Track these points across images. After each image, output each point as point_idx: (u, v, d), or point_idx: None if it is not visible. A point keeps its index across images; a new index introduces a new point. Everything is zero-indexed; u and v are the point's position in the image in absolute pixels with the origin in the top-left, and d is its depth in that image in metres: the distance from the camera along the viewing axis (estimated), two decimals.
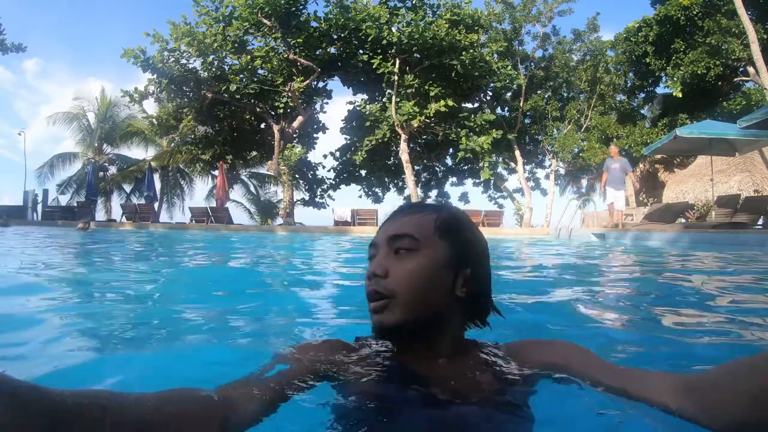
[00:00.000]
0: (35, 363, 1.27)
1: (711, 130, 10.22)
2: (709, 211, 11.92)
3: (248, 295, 2.68)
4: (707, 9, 15.15)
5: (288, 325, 1.86)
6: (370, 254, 0.85)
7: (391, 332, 0.78)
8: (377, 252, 0.82)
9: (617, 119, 18.31)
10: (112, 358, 1.37)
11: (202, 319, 1.94)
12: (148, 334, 1.69)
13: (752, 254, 5.44)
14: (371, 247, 0.85)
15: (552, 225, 15.67)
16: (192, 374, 1.13)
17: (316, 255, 6.35)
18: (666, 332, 1.80)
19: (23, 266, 3.98)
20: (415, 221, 0.81)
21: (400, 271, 0.78)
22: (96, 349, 1.46)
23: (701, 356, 1.43)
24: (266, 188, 26.64)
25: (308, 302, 2.49)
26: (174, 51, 15.34)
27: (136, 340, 1.60)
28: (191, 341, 1.60)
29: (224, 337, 1.67)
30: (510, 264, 5.00)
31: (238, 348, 1.50)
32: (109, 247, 6.73)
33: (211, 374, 0.83)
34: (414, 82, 15.54)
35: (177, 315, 1.99)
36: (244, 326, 1.85)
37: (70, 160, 25.02)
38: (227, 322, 1.91)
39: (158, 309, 2.27)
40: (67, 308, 2.15)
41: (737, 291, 2.99)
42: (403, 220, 0.83)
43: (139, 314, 2.05)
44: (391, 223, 0.84)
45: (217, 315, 2.05)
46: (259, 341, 1.61)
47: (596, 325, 1.92)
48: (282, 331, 1.74)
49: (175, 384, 0.58)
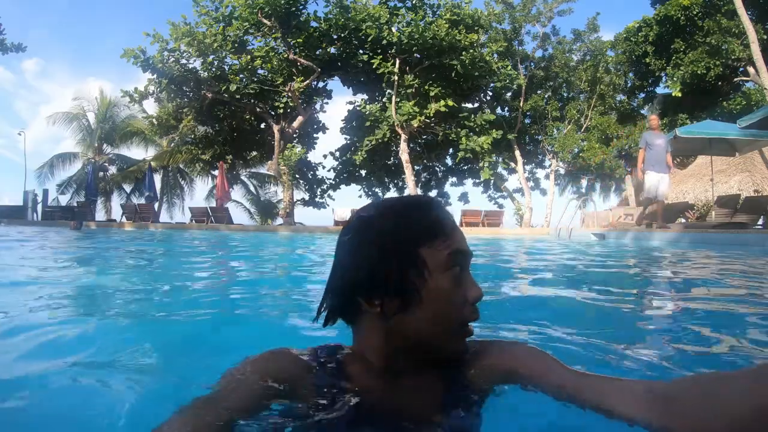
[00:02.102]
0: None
1: (711, 130, 10.22)
2: (709, 211, 11.93)
3: (245, 294, 2.67)
4: (707, 9, 15.16)
5: (285, 323, 1.86)
6: (464, 265, 0.72)
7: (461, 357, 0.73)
8: (468, 266, 0.73)
9: (617, 119, 18.32)
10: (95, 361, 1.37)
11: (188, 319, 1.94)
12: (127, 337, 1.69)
13: (752, 254, 5.44)
14: (466, 257, 0.72)
15: (552, 225, 15.67)
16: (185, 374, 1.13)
17: (316, 254, 6.35)
18: (664, 331, 1.80)
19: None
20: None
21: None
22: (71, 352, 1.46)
23: (698, 359, 1.42)
24: (266, 188, 26.65)
25: (304, 301, 2.49)
26: (174, 51, 15.34)
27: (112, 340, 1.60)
28: (178, 346, 1.60)
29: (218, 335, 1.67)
30: (510, 264, 5.00)
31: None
32: (93, 246, 6.73)
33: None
34: (414, 82, 15.54)
35: (159, 315, 1.98)
36: (240, 323, 1.85)
37: (70, 160, 25.03)
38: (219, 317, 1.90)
39: (137, 309, 2.27)
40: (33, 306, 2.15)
41: (736, 291, 2.98)
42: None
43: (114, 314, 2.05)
44: (461, 235, 0.73)
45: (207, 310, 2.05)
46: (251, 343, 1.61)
47: (596, 324, 1.92)
48: (276, 333, 1.74)
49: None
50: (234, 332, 1.73)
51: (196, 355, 1.41)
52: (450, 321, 0.69)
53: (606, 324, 1.95)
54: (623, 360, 1.36)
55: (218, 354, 1.21)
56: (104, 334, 1.63)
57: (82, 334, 1.61)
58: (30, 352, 1.38)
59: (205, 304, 2.43)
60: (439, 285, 0.68)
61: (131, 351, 1.39)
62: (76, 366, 1.23)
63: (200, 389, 0.67)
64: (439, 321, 0.69)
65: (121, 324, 1.83)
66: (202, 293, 2.87)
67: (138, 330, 1.74)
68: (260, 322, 1.96)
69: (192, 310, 2.15)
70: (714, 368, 1.25)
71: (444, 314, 0.69)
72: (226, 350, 1.46)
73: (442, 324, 0.69)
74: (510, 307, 2.26)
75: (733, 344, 1.60)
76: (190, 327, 1.80)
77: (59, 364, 1.23)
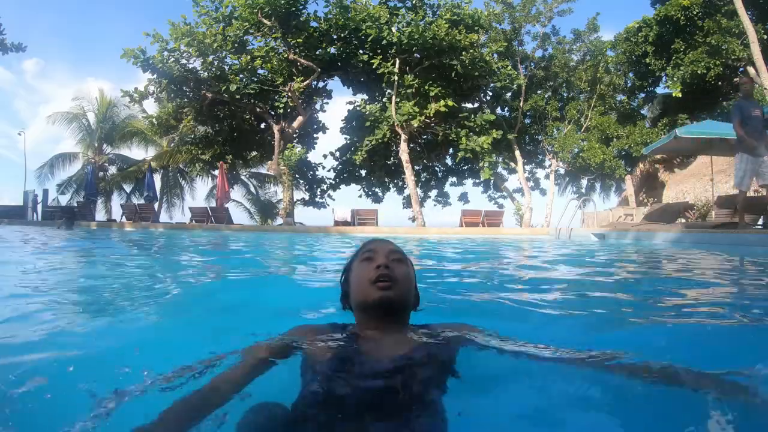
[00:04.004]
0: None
1: (711, 130, 10.21)
2: (709, 211, 11.94)
3: (242, 292, 2.67)
4: (707, 9, 15.16)
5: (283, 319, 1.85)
6: (369, 257, 1.25)
7: (391, 305, 1.17)
8: (377, 257, 1.23)
9: (617, 119, 18.33)
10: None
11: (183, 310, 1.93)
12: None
13: (753, 254, 5.44)
14: (371, 253, 1.26)
15: (552, 225, 15.66)
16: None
17: (313, 254, 6.36)
18: (661, 330, 1.80)
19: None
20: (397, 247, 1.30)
21: (397, 270, 1.22)
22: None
23: (698, 359, 1.42)
24: (266, 188, 26.66)
25: (302, 298, 2.49)
26: (174, 51, 15.34)
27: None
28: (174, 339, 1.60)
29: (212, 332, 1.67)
30: (510, 264, 5.01)
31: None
32: (72, 245, 6.74)
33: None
34: (414, 82, 15.54)
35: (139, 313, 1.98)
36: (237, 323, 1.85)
37: (70, 160, 25.04)
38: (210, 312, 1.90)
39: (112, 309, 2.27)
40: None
41: (736, 291, 2.98)
42: (391, 245, 1.30)
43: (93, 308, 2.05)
44: (385, 244, 1.30)
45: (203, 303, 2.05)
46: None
47: (595, 324, 1.92)
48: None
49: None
50: (233, 333, 1.72)
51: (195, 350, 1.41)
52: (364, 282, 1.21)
53: (606, 323, 1.95)
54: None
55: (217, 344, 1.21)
56: (83, 333, 1.63)
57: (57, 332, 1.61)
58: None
59: (205, 299, 2.43)
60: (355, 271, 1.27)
61: (122, 347, 1.39)
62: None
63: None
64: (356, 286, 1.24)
65: (97, 322, 1.83)
66: (200, 291, 2.87)
67: (123, 326, 1.74)
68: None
69: (191, 307, 2.15)
70: (714, 368, 1.25)
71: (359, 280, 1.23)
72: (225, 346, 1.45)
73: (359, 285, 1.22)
74: (510, 307, 2.26)
75: (733, 344, 1.60)
76: (188, 323, 1.80)
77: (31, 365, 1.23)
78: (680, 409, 0.99)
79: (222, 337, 1.67)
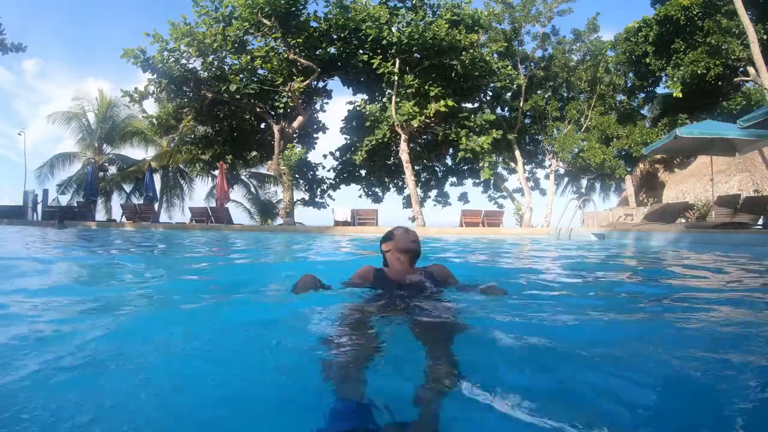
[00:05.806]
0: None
1: (711, 130, 10.20)
2: (709, 211, 11.94)
3: (243, 292, 2.67)
4: (707, 9, 15.14)
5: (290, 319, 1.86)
6: (407, 229, 2.39)
7: (417, 253, 2.31)
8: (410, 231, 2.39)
9: (617, 119, 18.31)
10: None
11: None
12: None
13: (754, 254, 5.43)
14: (404, 229, 2.40)
15: (552, 225, 15.67)
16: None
17: (314, 253, 6.36)
18: (659, 330, 1.80)
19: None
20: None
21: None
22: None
23: (697, 359, 1.42)
24: (266, 188, 26.64)
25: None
26: (174, 51, 15.32)
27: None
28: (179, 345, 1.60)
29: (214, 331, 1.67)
30: (510, 264, 5.01)
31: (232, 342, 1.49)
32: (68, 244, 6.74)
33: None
34: (414, 82, 15.53)
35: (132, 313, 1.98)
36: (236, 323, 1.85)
37: (70, 160, 25.00)
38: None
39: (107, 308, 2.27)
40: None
41: (736, 291, 2.99)
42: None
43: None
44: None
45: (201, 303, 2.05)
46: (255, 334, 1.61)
47: (594, 323, 1.92)
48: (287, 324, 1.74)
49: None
50: (233, 330, 1.73)
51: (194, 344, 1.41)
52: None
53: (606, 323, 1.95)
54: (622, 360, 1.36)
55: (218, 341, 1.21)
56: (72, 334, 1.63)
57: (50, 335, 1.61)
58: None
59: (204, 297, 2.43)
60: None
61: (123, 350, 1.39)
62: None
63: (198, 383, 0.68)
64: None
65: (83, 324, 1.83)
66: (201, 289, 2.87)
67: (129, 327, 1.74)
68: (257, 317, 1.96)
69: (191, 307, 2.15)
70: (713, 367, 1.26)
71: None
72: (225, 344, 1.46)
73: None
74: (510, 307, 2.26)
75: (734, 344, 1.60)
76: (187, 319, 1.80)
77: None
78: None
79: (222, 336, 1.67)
